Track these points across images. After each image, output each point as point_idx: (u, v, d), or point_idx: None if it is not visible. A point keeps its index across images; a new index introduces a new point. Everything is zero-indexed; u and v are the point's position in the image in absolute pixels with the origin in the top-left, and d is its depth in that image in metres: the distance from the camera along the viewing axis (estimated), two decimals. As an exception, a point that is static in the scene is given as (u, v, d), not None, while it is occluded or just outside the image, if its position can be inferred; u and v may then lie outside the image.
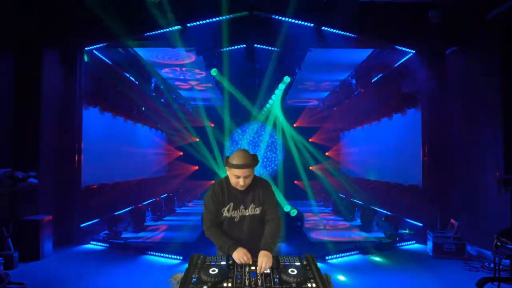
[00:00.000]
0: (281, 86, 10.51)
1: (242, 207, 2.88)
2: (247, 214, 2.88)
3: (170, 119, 13.63)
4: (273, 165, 15.06)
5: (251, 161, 2.77)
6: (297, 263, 2.54)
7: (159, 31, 7.35)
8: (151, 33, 7.43)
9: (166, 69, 10.70)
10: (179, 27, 7.30)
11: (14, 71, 6.87)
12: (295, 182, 14.86)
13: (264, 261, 2.47)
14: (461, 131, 7.50)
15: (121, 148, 10.80)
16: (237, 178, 2.76)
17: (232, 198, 2.87)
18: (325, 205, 13.92)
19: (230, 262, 2.56)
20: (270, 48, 8.33)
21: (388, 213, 9.53)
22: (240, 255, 2.58)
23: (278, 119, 14.89)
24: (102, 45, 8.05)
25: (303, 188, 14.96)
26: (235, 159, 2.75)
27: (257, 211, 2.89)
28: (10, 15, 6.56)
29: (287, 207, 8.85)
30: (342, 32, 7.40)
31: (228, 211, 2.87)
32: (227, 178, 2.91)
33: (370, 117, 11.89)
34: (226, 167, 2.80)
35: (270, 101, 13.55)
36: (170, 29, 7.32)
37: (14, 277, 5.31)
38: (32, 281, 5.31)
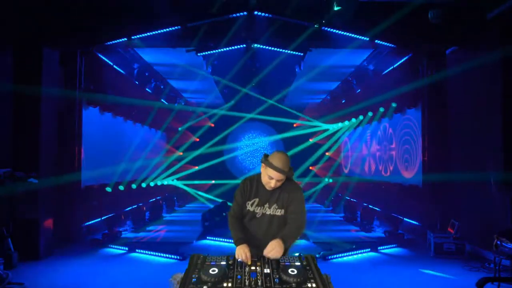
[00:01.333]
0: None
1: (266, 205, 2.91)
2: (268, 213, 2.91)
3: (170, 119, 13.64)
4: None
5: (288, 169, 2.78)
6: (297, 263, 2.54)
7: (159, 31, 7.35)
8: (151, 33, 7.43)
9: (166, 69, 10.71)
10: (179, 27, 7.30)
11: (14, 71, 6.87)
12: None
13: (274, 250, 2.47)
14: (461, 131, 7.50)
15: (121, 148, 10.80)
16: (270, 179, 2.77)
17: (259, 194, 2.90)
18: (325, 205, 13.91)
19: (230, 262, 2.56)
20: (270, 48, 8.33)
21: (388, 213, 9.53)
22: (240, 252, 2.59)
23: (278, 118, 14.92)
24: (102, 45, 8.04)
25: (303, 188, 14.98)
26: (275, 160, 2.74)
27: (278, 212, 2.90)
28: (10, 15, 6.55)
29: None
30: (342, 32, 7.40)
31: (252, 205, 2.91)
32: (259, 175, 2.94)
33: (370, 117, 11.88)
34: (263, 164, 2.81)
35: (270, 101, 13.57)
36: (170, 29, 7.32)
37: (14, 277, 5.31)
38: (32, 281, 5.31)
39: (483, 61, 6.85)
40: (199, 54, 8.38)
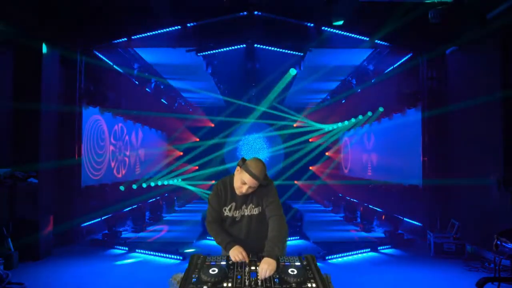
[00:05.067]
0: (287, 78, 10.33)
1: (243, 207, 2.87)
2: (247, 214, 2.87)
3: (170, 119, 13.64)
4: (273, 165, 15.06)
5: (263, 178, 2.72)
6: (297, 263, 2.54)
7: (159, 31, 7.35)
8: (151, 33, 7.43)
9: (166, 69, 10.70)
10: (179, 27, 7.30)
11: (14, 71, 6.87)
12: (295, 182, 14.86)
13: (265, 269, 2.37)
14: (461, 131, 7.50)
15: (121, 148, 10.80)
16: (243, 183, 2.71)
17: (234, 198, 2.86)
18: (325, 205, 13.91)
19: (230, 262, 2.56)
20: (270, 48, 8.33)
21: (388, 213, 9.53)
22: (235, 253, 2.59)
23: (278, 118, 14.90)
24: (102, 45, 8.04)
25: (303, 188, 14.98)
26: (253, 166, 2.69)
27: (255, 211, 2.86)
28: (10, 15, 6.55)
29: None
30: (342, 32, 7.40)
31: (229, 210, 2.86)
32: (231, 178, 2.87)
33: (370, 116, 11.87)
34: (239, 168, 2.74)
35: (270, 101, 13.54)
36: (170, 29, 7.32)
37: (14, 277, 5.31)
38: (32, 281, 5.31)
39: (483, 61, 6.85)
40: (199, 54, 8.37)
